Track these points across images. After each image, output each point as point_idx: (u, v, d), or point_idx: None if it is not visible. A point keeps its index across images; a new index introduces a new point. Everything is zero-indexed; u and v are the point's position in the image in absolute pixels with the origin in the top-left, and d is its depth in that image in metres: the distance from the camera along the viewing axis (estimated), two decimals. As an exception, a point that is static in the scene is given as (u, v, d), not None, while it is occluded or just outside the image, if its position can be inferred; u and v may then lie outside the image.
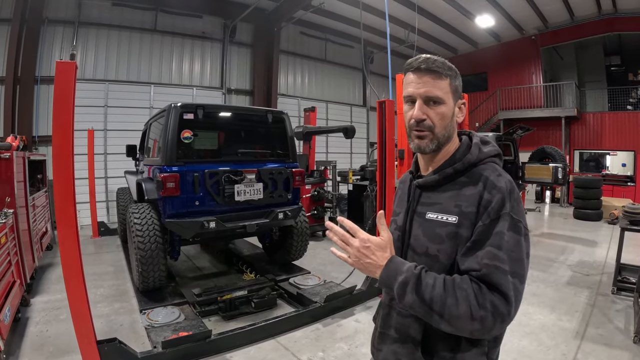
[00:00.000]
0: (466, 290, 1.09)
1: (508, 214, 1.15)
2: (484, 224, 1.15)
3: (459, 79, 1.31)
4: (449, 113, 1.27)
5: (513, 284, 1.09)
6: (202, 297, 4.67)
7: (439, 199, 1.30)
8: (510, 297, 1.07)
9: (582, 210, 11.30)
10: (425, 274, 1.16)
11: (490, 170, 1.25)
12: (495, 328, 1.08)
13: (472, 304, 1.07)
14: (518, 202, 1.19)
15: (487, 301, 1.06)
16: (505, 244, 1.12)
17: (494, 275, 1.09)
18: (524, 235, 1.16)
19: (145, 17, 11.84)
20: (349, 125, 8.68)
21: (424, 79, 1.24)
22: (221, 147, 5.28)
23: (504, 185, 1.19)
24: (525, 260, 1.15)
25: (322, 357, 3.78)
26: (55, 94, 2.97)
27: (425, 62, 1.24)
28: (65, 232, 3.01)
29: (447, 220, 1.23)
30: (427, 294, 1.12)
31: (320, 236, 9.03)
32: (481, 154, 1.30)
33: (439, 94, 1.24)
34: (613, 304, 4.99)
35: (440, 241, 1.24)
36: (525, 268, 1.14)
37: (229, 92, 13.68)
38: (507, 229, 1.13)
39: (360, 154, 17.71)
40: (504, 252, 1.11)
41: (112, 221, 10.61)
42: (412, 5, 12.06)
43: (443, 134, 1.28)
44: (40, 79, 9.98)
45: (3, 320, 3.46)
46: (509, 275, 1.09)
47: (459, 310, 1.07)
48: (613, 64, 16.50)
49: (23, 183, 5.40)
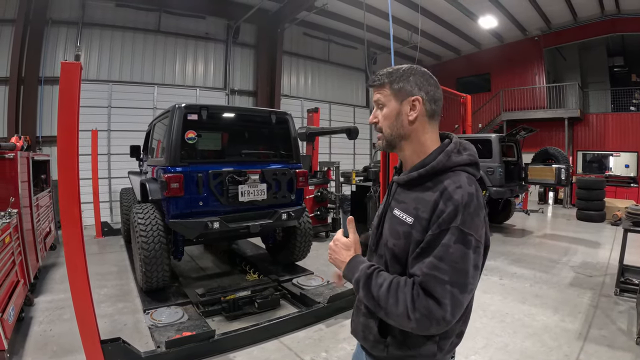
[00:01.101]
0: (405, 293, 1.21)
1: (457, 227, 1.20)
2: (433, 233, 1.22)
3: (407, 80, 1.39)
4: (390, 113, 1.41)
5: (451, 292, 1.17)
6: (206, 297, 4.68)
7: (405, 198, 1.41)
8: (444, 304, 1.16)
9: (585, 212, 11.25)
10: (377, 274, 1.31)
11: (452, 181, 1.28)
12: (432, 328, 1.19)
13: (408, 306, 1.19)
14: (473, 215, 1.22)
15: (421, 305, 1.17)
16: (449, 255, 1.18)
17: (429, 284, 1.18)
18: (474, 247, 1.21)
19: (149, 18, 11.87)
20: (352, 126, 8.67)
21: (375, 91, 1.46)
22: (225, 148, 5.29)
23: (459, 198, 1.22)
24: (471, 271, 1.20)
25: (325, 357, 3.78)
26: (61, 95, 2.99)
27: (371, 79, 1.47)
28: (70, 232, 3.03)
29: (405, 220, 1.34)
30: (375, 292, 1.27)
31: (324, 237, 9.04)
32: (449, 162, 1.33)
33: (379, 98, 1.43)
34: (616, 305, 4.97)
35: (397, 237, 1.36)
36: (469, 278, 1.20)
37: (233, 93, 13.71)
38: (454, 242, 1.19)
39: (364, 154, 17.70)
40: (445, 263, 1.18)
41: (116, 221, 10.63)
42: (415, 7, 12.07)
43: (389, 133, 1.42)
44: (44, 80, 10.02)
45: (7, 319, 3.48)
46: (447, 285, 1.17)
47: (398, 309, 1.21)
48: (616, 64, 16.44)
49: (27, 183, 5.43)
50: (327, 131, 10.10)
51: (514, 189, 9.12)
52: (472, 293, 1.24)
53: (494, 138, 9.04)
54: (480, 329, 4.30)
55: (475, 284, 1.24)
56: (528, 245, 8.35)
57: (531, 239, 9.07)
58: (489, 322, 4.47)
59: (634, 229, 5.08)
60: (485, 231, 1.27)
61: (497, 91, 17.29)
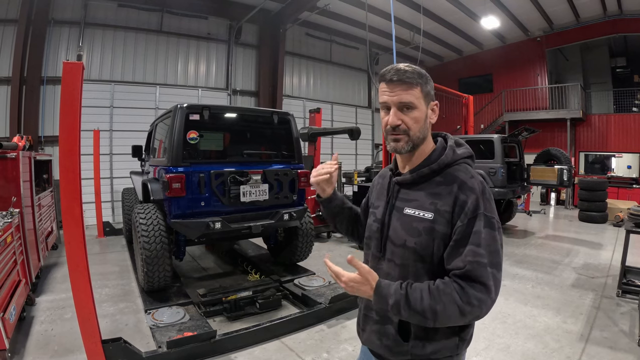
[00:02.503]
0: (450, 294, 1.23)
1: (482, 213, 1.30)
2: (463, 223, 1.30)
3: (430, 84, 1.43)
4: (422, 117, 1.41)
5: (492, 273, 1.25)
6: (207, 297, 4.68)
7: (416, 196, 1.44)
8: (490, 286, 1.23)
9: (587, 213, 11.24)
10: (411, 289, 1.28)
11: (463, 172, 1.39)
12: (483, 312, 1.25)
13: (458, 304, 1.22)
14: (490, 200, 1.35)
15: (471, 296, 1.22)
16: (483, 240, 1.27)
17: (476, 270, 1.24)
18: (498, 229, 1.32)
19: (151, 18, 11.90)
20: (354, 127, 8.65)
21: (396, 89, 1.38)
22: (227, 148, 5.28)
23: (477, 187, 1.33)
24: (501, 250, 1.31)
25: (327, 358, 3.78)
26: (63, 95, 2.99)
27: (397, 73, 1.37)
28: (72, 232, 3.02)
29: (424, 217, 1.37)
30: (419, 307, 1.25)
31: (325, 237, 9.04)
32: (455, 155, 1.44)
33: (412, 100, 1.38)
34: (618, 306, 4.96)
35: (417, 234, 1.37)
36: (501, 257, 1.30)
37: (235, 93, 13.72)
38: (484, 226, 1.28)
39: (366, 155, 17.69)
40: (482, 248, 1.26)
41: (117, 221, 10.66)
42: (418, 7, 12.07)
43: (418, 136, 1.42)
44: (46, 80, 10.05)
45: (8, 318, 3.48)
46: (488, 267, 1.25)
47: (449, 312, 1.22)
48: (619, 65, 16.41)
49: (29, 183, 5.43)
50: (329, 131, 10.07)
51: (516, 189, 9.10)
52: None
53: (496, 139, 9.02)
54: (481, 329, 4.28)
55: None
56: (530, 246, 8.33)
57: (533, 240, 9.05)
58: (491, 323, 4.46)
59: (636, 230, 5.07)
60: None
61: (499, 92, 17.26)
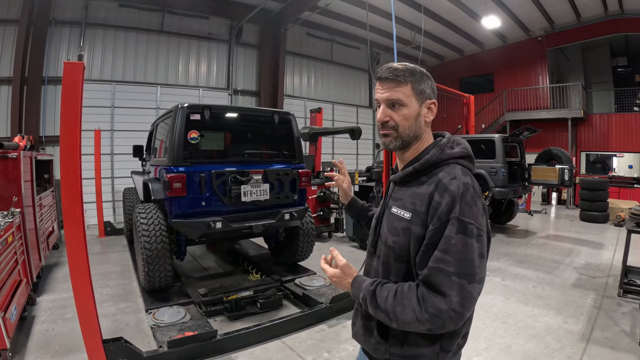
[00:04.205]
0: (410, 298, 1.21)
1: (457, 217, 1.20)
2: (434, 227, 1.22)
3: (426, 82, 1.40)
4: (411, 114, 1.38)
5: (458, 283, 1.16)
6: (208, 297, 4.69)
7: (402, 194, 1.41)
8: (450, 296, 1.15)
9: (589, 212, 11.23)
10: (381, 288, 1.30)
11: (446, 173, 1.31)
12: (447, 324, 1.17)
13: (415, 309, 1.18)
14: (470, 204, 1.23)
15: (428, 305, 1.17)
16: (452, 247, 1.18)
17: (434, 277, 1.18)
18: (476, 236, 1.20)
19: (152, 18, 11.91)
20: (355, 127, 8.67)
21: (386, 86, 1.38)
22: (228, 148, 5.28)
23: (454, 189, 1.24)
24: (477, 260, 1.19)
25: (327, 357, 3.78)
26: (63, 94, 2.99)
27: (387, 71, 1.38)
28: (73, 232, 3.03)
29: (403, 216, 1.35)
30: (382, 305, 1.26)
31: (326, 237, 9.04)
32: (443, 155, 1.36)
33: (400, 97, 1.36)
34: (619, 306, 4.95)
35: (396, 234, 1.36)
36: (475, 268, 1.18)
37: (235, 93, 13.72)
38: (456, 232, 1.19)
39: (367, 155, 17.70)
40: (450, 255, 1.17)
41: (119, 221, 10.68)
42: (419, 7, 12.08)
43: (407, 134, 1.39)
44: (48, 80, 10.05)
45: (9, 318, 3.49)
46: (453, 276, 1.16)
47: (407, 317, 1.20)
48: (620, 65, 16.36)
49: (30, 183, 5.44)
50: (330, 131, 10.10)
51: (517, 189, 9.09)
52: (483, 283, 1.22)
53: (497, 138, 9.02)
54: (482, 329, 4.28)
55: (484, 273, 1.22)
56: (531, 246, 8.32)
57: (534, 239, 9.05)
58: (492, 323, 4.46)
59: (638, 230, 5.07)
60: (486, 220, 1.27)
61: (500, 91, 17.23)
